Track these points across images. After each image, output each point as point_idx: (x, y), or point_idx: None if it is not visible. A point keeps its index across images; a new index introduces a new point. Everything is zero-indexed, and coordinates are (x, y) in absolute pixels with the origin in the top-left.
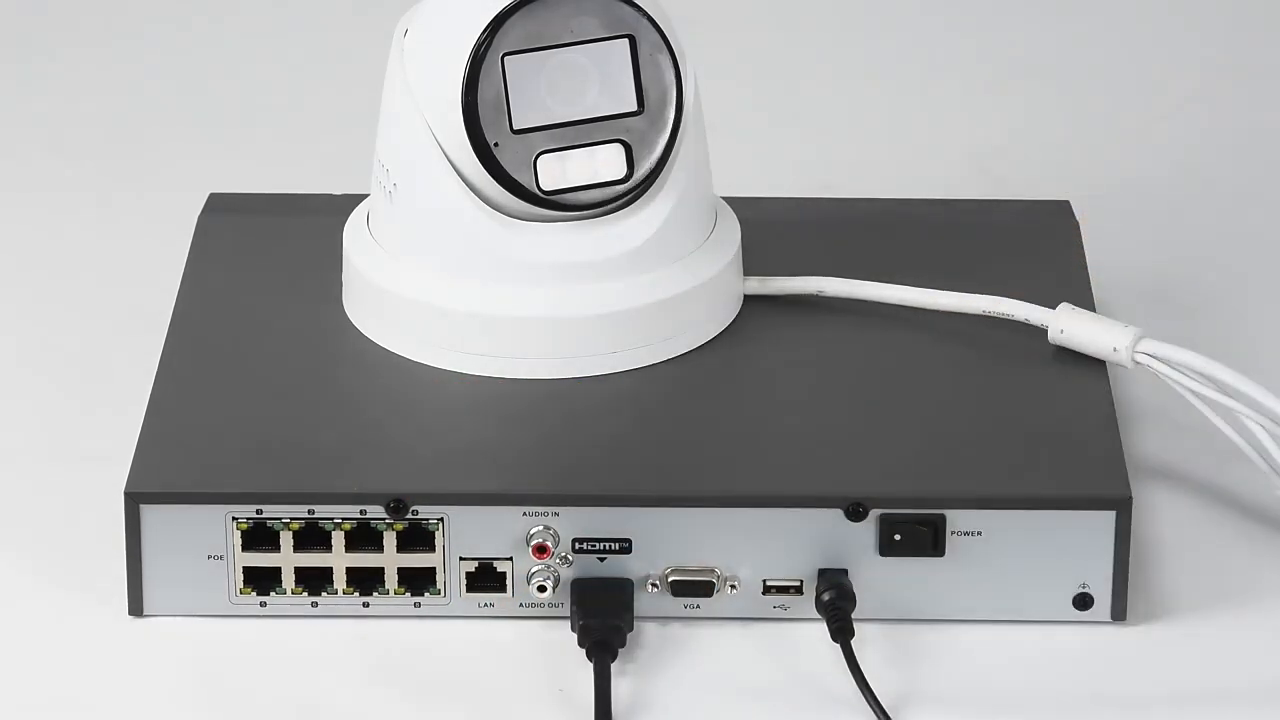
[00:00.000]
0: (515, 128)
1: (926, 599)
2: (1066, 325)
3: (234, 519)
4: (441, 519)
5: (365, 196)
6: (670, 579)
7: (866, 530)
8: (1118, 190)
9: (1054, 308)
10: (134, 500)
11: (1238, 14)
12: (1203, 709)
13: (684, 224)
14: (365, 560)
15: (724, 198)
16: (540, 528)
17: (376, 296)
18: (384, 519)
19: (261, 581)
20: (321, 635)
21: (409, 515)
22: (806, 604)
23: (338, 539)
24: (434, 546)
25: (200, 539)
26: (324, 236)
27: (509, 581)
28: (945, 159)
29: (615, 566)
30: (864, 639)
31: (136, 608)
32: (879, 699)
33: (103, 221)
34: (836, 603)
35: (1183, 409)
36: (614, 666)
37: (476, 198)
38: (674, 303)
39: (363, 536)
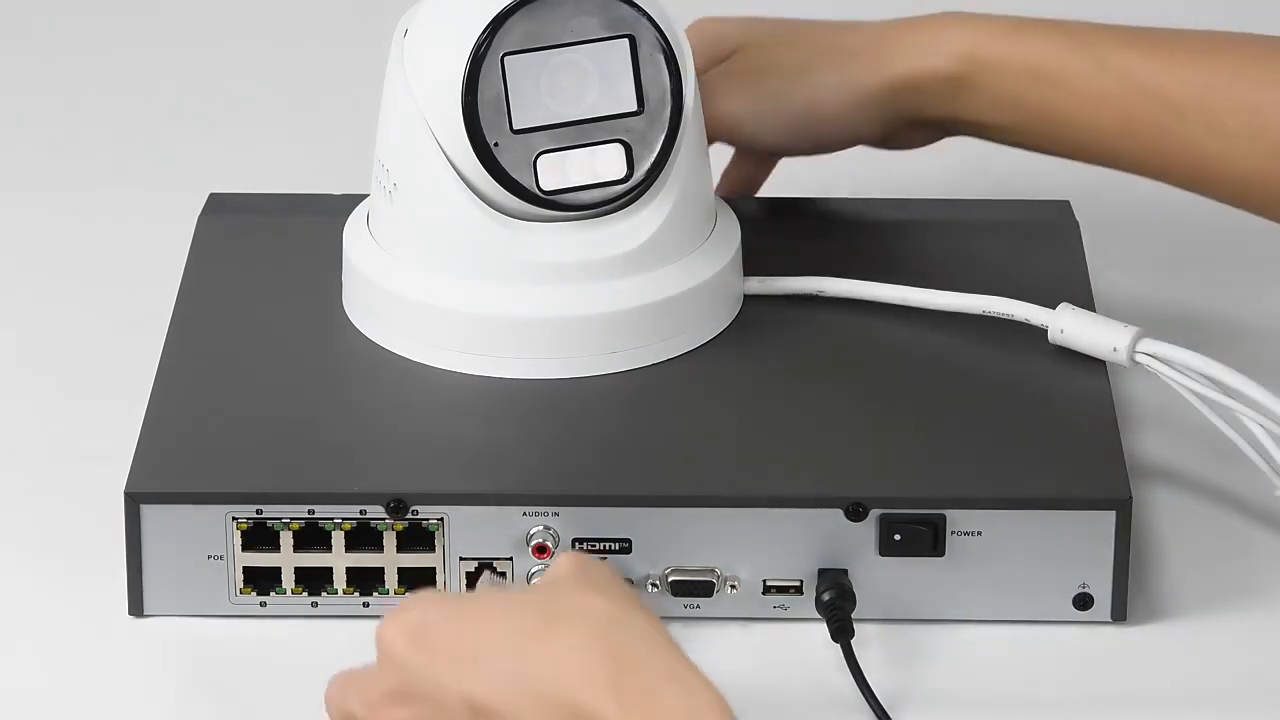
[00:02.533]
0: (515, 128)
1: (926, 599)
2: (1066, 325)
3: (234, 519)
4: (441, 519)
5: (365, 196)
6: (670, 579)
7: (866, 530)
8: (1118, 190)
9: (1054, 308)
10: (134, 500)
11: (1238, 14)
12: (1203, 709)
13: (684, 224)
14: (365, 560)
15: (724, 198)
16: (540, 528)
17: (376, 296)
18: (384, 519)
19: (261, 581)
20: (321, 635)
21: (409, 515)
22: (806, 604)
23: (338, 539)
24: (434, 546)
25: (200, 539)
26: (324, 236)
27: (509, 581)
28: (945, 159)
29: (615, 566)
30: (864, 639)
31: (136, 608)
32: (879, 699)
33: (103, 221)
34: (836, 603)
35: (1183, 409)
36: None
37: (476, 198)
38: (674, 303)
39: (363, 536)
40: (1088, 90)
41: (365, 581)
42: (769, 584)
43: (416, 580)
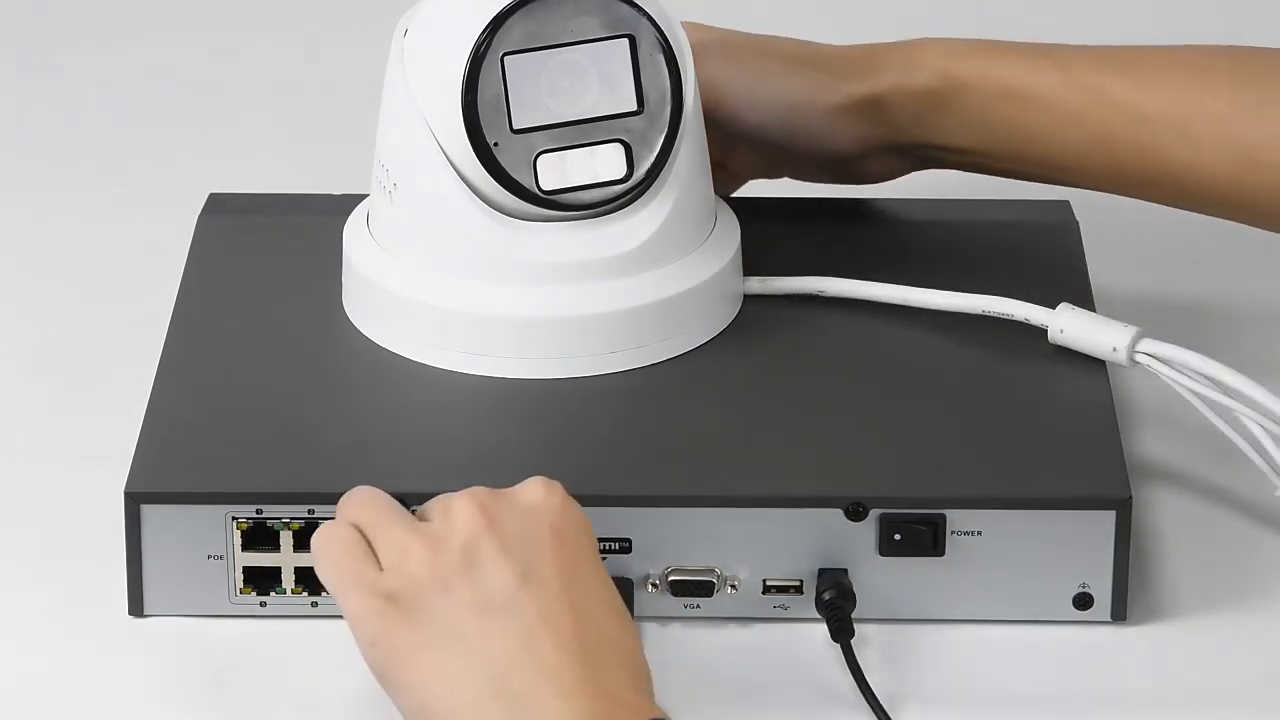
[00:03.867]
0: (515, 128)
1: (926, 599)
2: (1066, 325)
3: (234, 519)
4: None
5: (365, 196)
6: (670, 579)
7: (866, 530)
8: None
9: (1054, 308)
10: (134, 500)
11: (1238, 14)
12: (1203, 709)
13: (684, 224)
14: None
15: (724, 197)
16: None
17: (376, 296)
18: None
19: (261, 581)
20: (321, 635)
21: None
22: (806, 604)
23: None
24: None
25: (200, 539)
26: (324, 236)
27: None
28: None
29: (615, 566)
30: (864, 639)
31: (136, 608)
32: (879, 699)
33: (103, 221)
34: (836, 603)
35: (1183, 409)
36: None
37: (476, 198)
38: (674, 303)
39: None
40: (1060, 107)
41: None
42: (769, 584)
43: None
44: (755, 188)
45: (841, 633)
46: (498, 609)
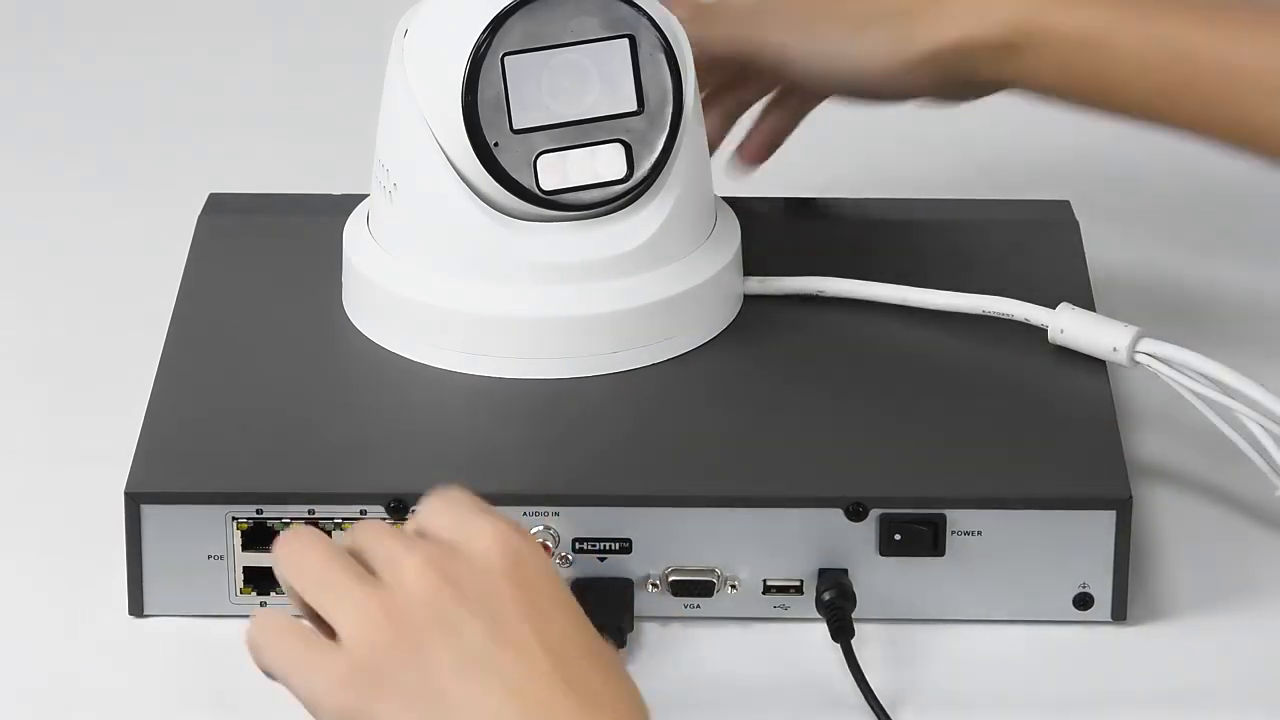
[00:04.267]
0: (515, 128)
1: (926, 599)
2: (1066, 325)
3: (234, 519)
4: None
5: (365, 196)
6: (670, 579)
7: (866, 530)
8: (1118, 190)
9: (1054, 308)
10: (134, 500)
11: None
12: (1203, 709)
13: (684, 224)
14: None
15: (724, 198)
16: (540, 528)
17: (376, 296)
18: (384, 519)
19: (261, 581)
20: None
21: (409, 515)
22: (806, 604)
23: (338, 539)
24: None
25: (200, 539)
26: (324, 236)
27: None
28: (946, 159)
29: (615, 566)
30: (864, 639)
31: (136, 608)
32: (879, 699)
33: (103, 221)
34: (836, 603)
35: (1183, 409)
36: None
37: (476, 198)
38: (674, 303)
39: None
40: (1135, 57)
41: None
42: (769, 584)
43: None
44: (755, 187)
45: (841, 633)
46: (475, 666)
